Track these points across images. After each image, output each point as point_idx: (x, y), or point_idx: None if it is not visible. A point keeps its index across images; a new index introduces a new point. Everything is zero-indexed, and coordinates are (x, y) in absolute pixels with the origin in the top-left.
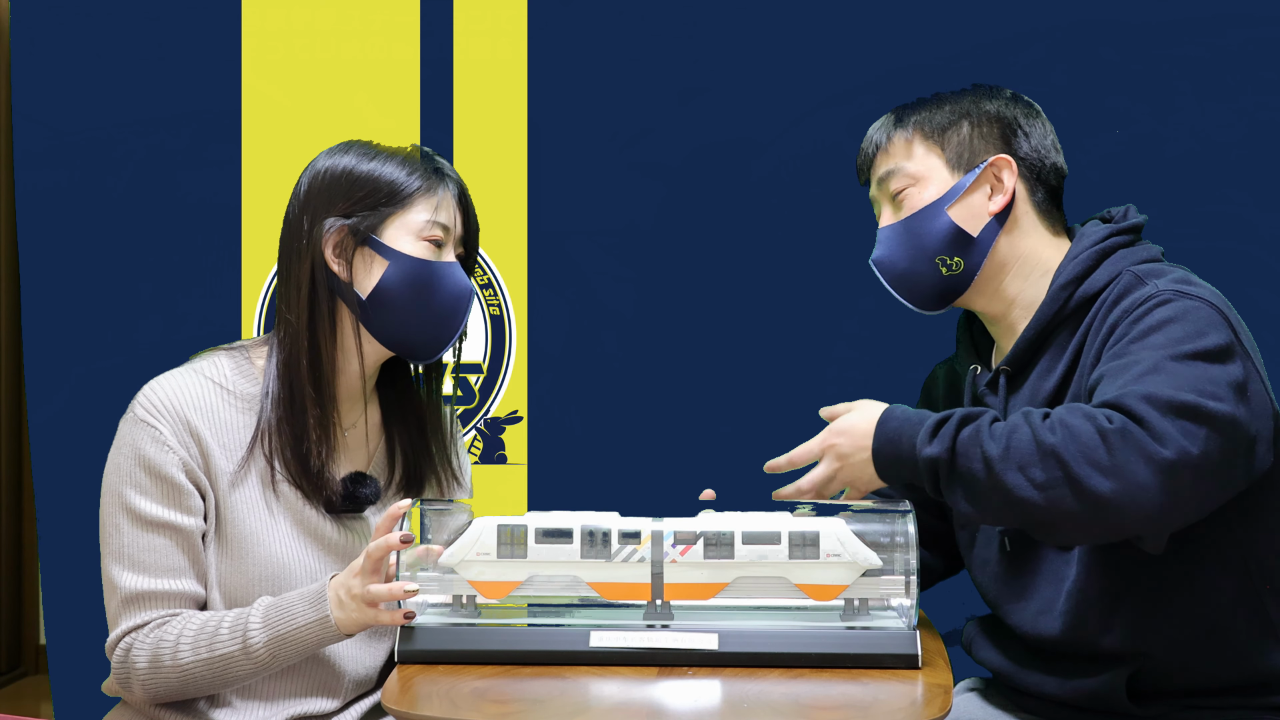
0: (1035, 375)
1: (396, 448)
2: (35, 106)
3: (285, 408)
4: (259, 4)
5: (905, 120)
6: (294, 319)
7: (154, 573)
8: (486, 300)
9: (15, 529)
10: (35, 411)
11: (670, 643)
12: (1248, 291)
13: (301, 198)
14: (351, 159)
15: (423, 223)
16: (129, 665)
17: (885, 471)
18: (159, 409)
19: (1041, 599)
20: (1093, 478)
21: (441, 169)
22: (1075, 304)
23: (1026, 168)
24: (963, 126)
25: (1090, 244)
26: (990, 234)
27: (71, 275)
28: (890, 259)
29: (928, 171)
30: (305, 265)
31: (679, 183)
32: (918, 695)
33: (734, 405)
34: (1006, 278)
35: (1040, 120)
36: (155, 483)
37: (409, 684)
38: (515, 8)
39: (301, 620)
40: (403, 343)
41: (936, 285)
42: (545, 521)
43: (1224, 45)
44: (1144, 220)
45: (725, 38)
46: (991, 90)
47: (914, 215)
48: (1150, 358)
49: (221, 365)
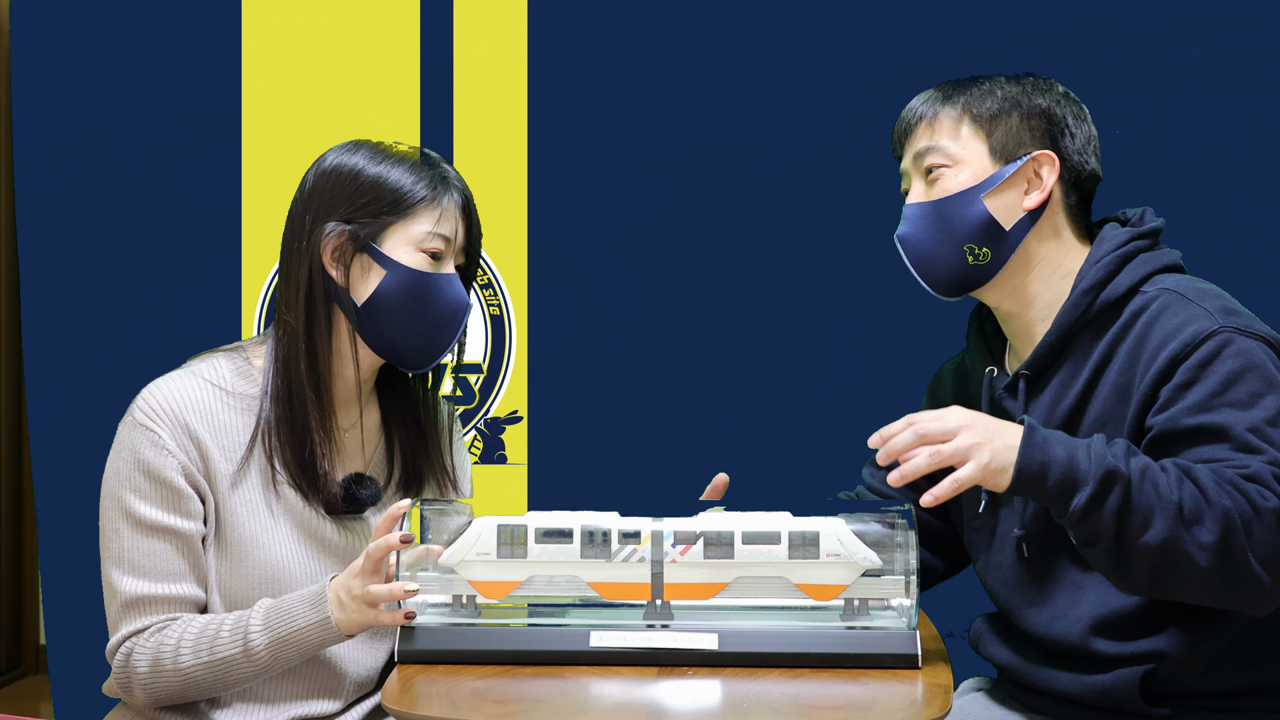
0: (1057, 382)
1: (395, 448)
2: (35, 106)
3: (285, 406)
4: (259, 4)
5: (955, 98)
6: (292, 319)
7: (154, 577)
8: (486, 300)
9: (15, 529)
10: (35, 411)
11: (670, 643)
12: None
13: (306, 195)
14: (359, 160)
15: (424, 234)
16: (130, 669)
17: (1025, 467)
18: (158, 413)
19: (1057, 605)
20: (1251, 560)
21: (448, 177)
22: (1098, 309)
23: (1067, 169)
24: (1012, 116)
25: (1111, 248)
26: (1022, 229)
27: (71, 275)
28: (916, 237)
29: (969, 155)
30: (304, 267)
31: (679, 183)
32: (918, 695)
33: (734, 405)
34: (1029, 276)
35: (1087, 123)
36: (155, 487)
37: (409, 684)
38: (515, 8)
39: (302, 622)
40: (395, 352)
41: (960, 272)
42: (545, 521)
43: (1224, 45)
44: (1162, 224)
45: (725, 38)
46: (1046, 84)
47: (948, 198)
48: (1245, 420)
49: (220, 367)
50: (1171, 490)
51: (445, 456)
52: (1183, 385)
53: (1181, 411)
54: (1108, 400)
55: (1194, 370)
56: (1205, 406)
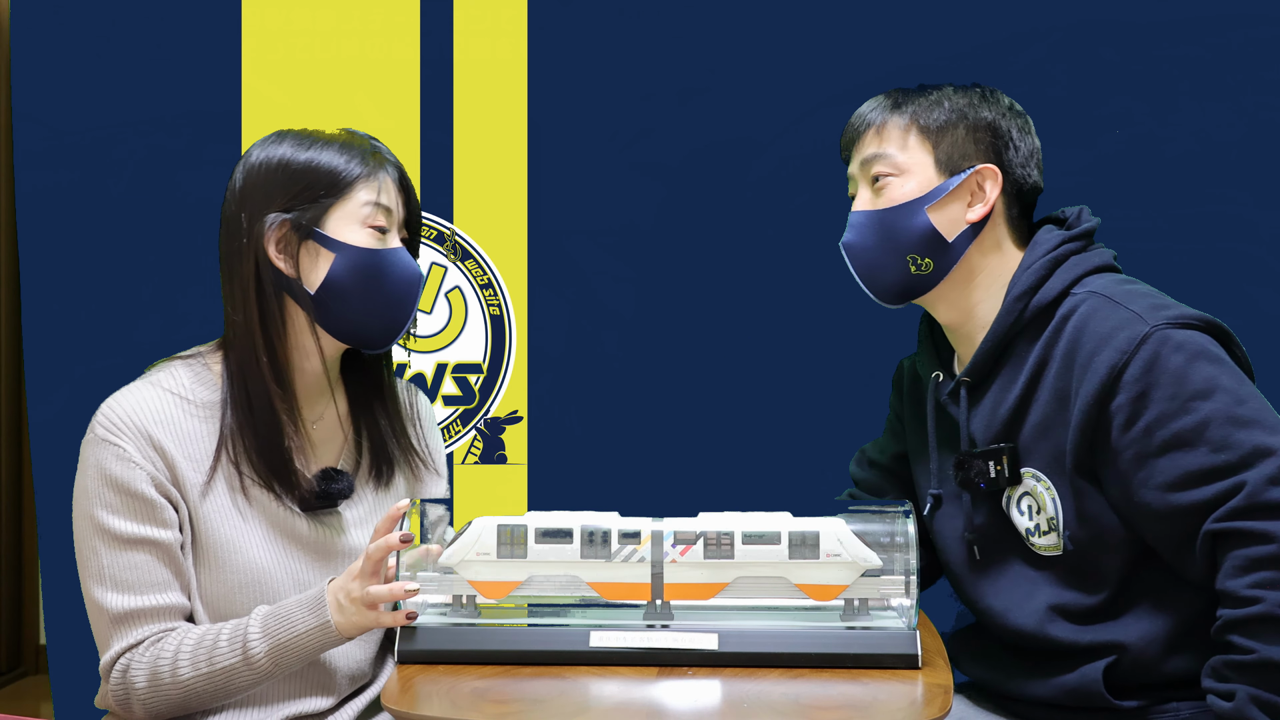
0: (997, 388)
1: (364, 436)
2: (35, 106)
3: (246, 412)
4: (259, 4)
5: (904, 107)
6: (241, 320)
7: (138, 590)
8: (486, 300)
9: (15, 529)
10: (35, 411)
11: (670, 643)
12: (1248, 291)
13: (238, 193)
14: (287, 149)
15: (365, 208)
16: (128, 685)
17: None
18: (119, 426)
19: (1012, 598)
20: None
21: (379, 151)
22: (1031, 314)
23: (1010, 182)
24: (959, 128)
25: (1043, 253)
26: (964, 241)
27: (71, 275)
28: (861, 246)
29: (915, 165)
30: (249, 264)
31: (679, 183)
32: (918, 695)
33: (734, 405)
34: (970, 286)
35: (1031, 136)
36: (126, 500)
37: (409, 684)
38: (515, 8)
39: (301, 626)
40: (356, 334)
41: (902, 281)
42: (545, 521)
43: (1224, 45)
44: (1097, 224)
45: (725, 38)
46: (992, 96)
47: (893, 208)
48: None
49: (179, 375)
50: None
51: (411, 436)
52: (1138, 396)
53: (1153, 423)
54: (1048, 405)
55: (1142, 378)
56: (1171, 413)
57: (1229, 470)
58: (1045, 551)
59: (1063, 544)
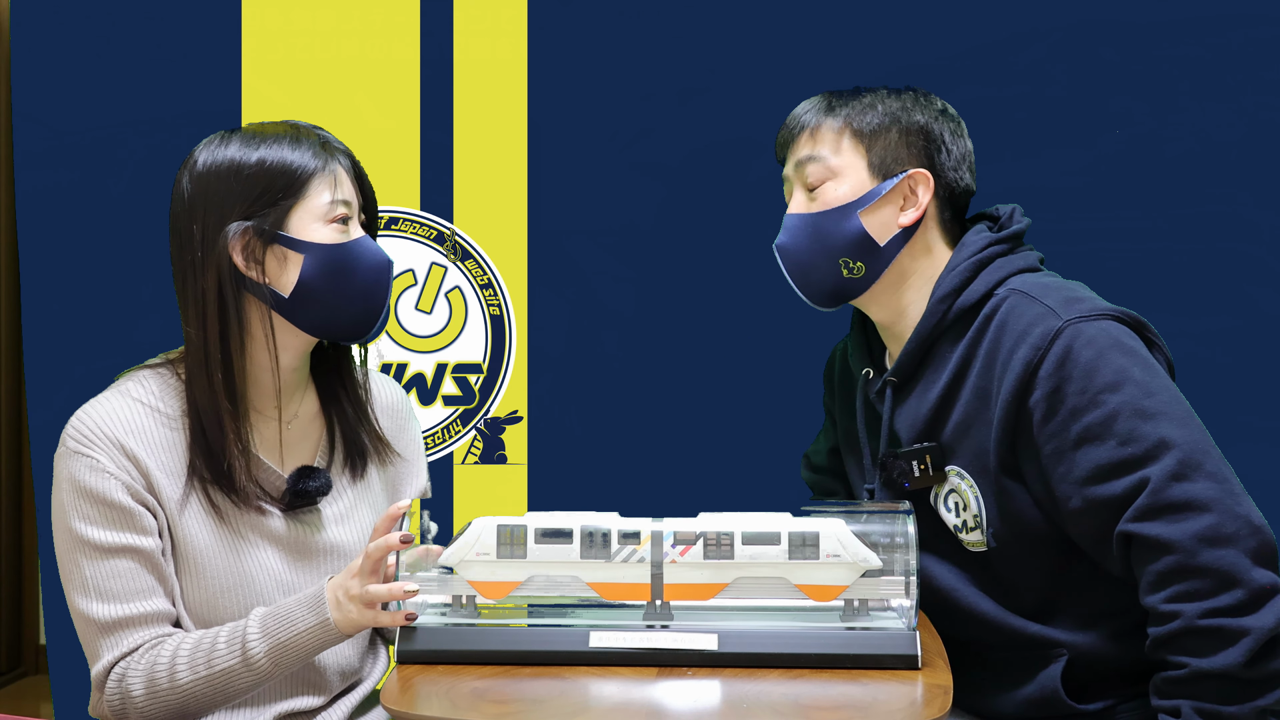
0: (920, 387)
1: (336, 430)
2: (35, 106)
3: (198, 424)
4: (259, 4)
5: (838, 110)
6: (196, 334)
7: (125, 598)
8: (486, 300)
9: (15, 529)
10: (35, 412)
11: (670, 643)
12: (1248, 291)
13: (188, 203)
14: (234, 152)
15: (326, 206)
16: (124, 693)
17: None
18: (91, 438)
19: (955, 580)
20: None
21: (329, 142)
22: (954, 316)
23: (942, 186)
24: (892, 132)
25: (968, 255)
26: (896, 245)
27: (71, 275)
28: (794, 248)
29: (848, 169)
30: (209, 277)
31: (679, 183)
32: (918, 695)
33: (734, 405)
34: (902, 288)
35: (964, 139)
36: (103, 510)
37: (409, 684)
38: (515, 8)
39: (301, 625)
40: (334, 329)
41: (834, 284)
42: (545, 522)
43: (1224, 45)
44: (1026, 225)
45: (725, 38)
46: (925, 100)
47: (825, 212)
48: (1121, 402)
49: (148, 384)
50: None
51: (373, 421)
52: (1053, 391)
53: (1067, 418)
54: (970, 404)
55: (1055, 373)
56: (1082, 407)
57: (1135, 464)
58: (974, 548)
59: (986, 540)
